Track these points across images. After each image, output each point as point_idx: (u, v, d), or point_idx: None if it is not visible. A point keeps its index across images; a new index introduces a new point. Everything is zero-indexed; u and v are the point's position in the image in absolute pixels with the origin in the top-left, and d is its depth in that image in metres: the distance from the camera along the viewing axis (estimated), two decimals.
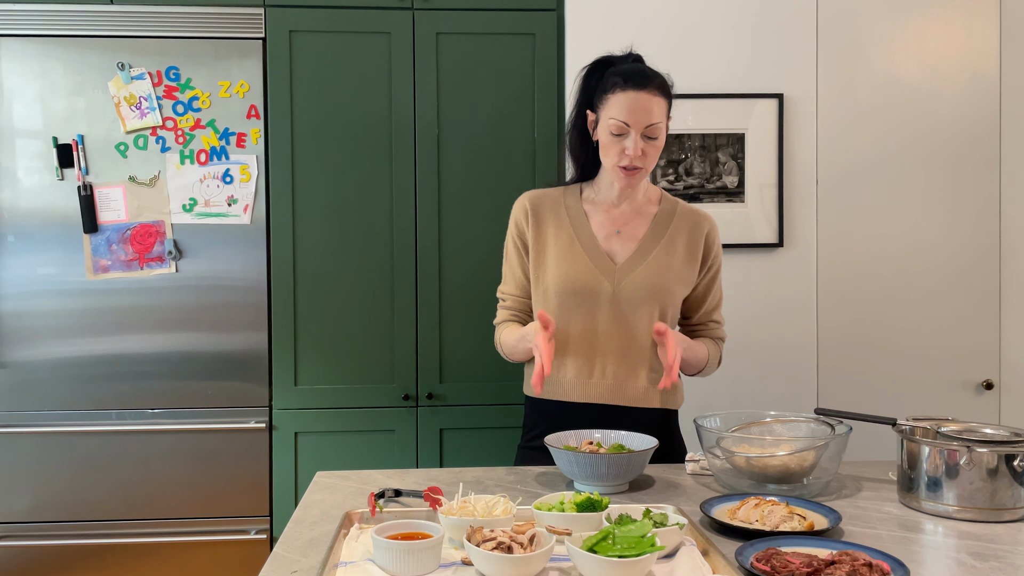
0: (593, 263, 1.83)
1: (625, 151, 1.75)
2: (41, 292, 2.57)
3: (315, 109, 2.62)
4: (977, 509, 1.43)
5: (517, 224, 1.91)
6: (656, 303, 1.82)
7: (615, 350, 1.83)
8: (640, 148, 1.74)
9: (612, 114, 1.75)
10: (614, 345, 1.83)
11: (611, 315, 1.82)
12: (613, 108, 1.75)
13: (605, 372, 1.83)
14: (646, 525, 1.20)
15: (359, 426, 2.66)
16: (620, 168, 1.78)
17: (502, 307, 1.96)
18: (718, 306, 1.97)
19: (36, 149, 2.56)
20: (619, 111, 1.74)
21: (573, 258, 1.84)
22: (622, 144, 1.76)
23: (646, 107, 1.74)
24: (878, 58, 2.67)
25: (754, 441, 1.61)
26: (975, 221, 2.70)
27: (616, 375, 1.83)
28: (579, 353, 1.84)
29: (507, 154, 2.67)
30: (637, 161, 1.76)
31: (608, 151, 1.79)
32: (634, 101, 1.74)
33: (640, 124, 1.74)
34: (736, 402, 2.55)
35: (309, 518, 1.46)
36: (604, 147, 1.80)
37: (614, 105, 1.75)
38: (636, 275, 1.82)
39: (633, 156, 1.75)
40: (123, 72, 2.56)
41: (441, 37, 2.64)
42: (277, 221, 2.62)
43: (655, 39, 2.60)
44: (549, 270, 1.86)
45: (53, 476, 2.58)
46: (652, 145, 1.77)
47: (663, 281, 1.82)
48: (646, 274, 1.82)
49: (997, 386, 2.70)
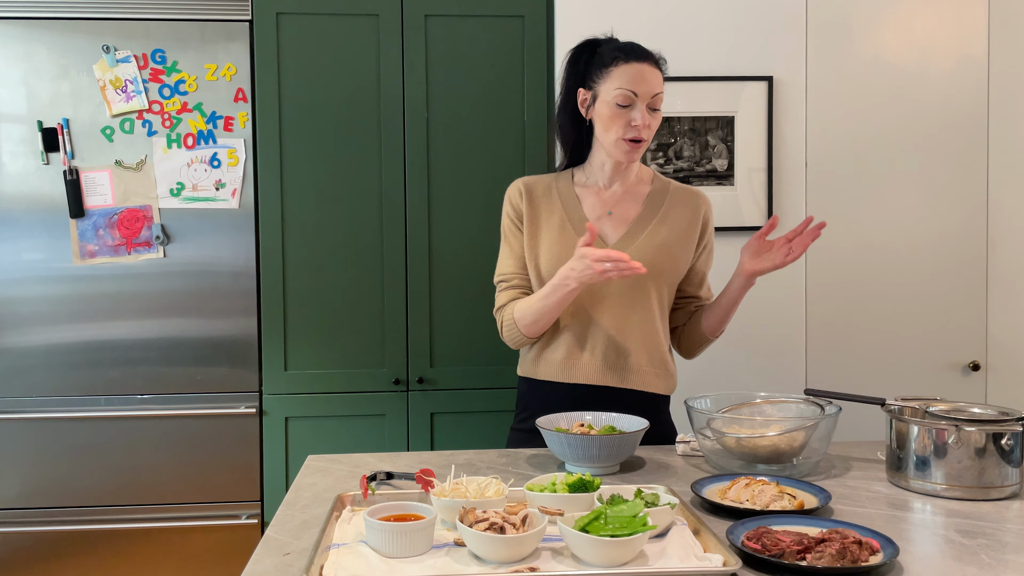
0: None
1: (632, 122, 1.76)
2: (27, 278, 2.55)
3: (303, 92, 2.60)
4: (965, 487, 1.45)
5: (513, 205, 1.91)
6: (646, 283, 1.83)
7: (606, 330, 1.83)
8: (648, 120, 1.77)
9: (618, 84, 1.76)
10: (605, 325, 1.83)
11: (601, 296, 1.83)
12: (619, 79, 1.76)
13: (595, 352, 1.84)
14: (638, 505, 1.21)
15: (349, 411, 2.66)
16: (625, 140, 1.78)
17: (506, 288, 1.91)
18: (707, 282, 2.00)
19: (20, 133, 2.53)
20: (626, 81, 1.75)
21: (564, 241, 1.84)
22: (628, 115, 1.77)
23: (649, 78, 1.77)
24: (867, 41, 2.67)
25: (744, 422, 1.62)
26: (963, 203, 2.71)
27: (606, 355, 1.83)
28: (570, 333, 1.84)
29: (497, 137, 2.66)
30: (644, 132, 1.77)
31: (612, 124, 1.78)
32: (640, 72, 1.76)
33: (647, 94, 1.76)
34: (726, 383, 2.56)
35: (301, 501, 1.46)
36: (607, 121, 1.79)
37: (619, 76, 1.76)
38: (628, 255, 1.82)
39: (641, 126, 1.76)
40: (108, 55, 2.54)
41: (430, 19, 2.63)
42: (265, 205, 2.60)
43: (645, 21, 2.59)
44: (542, 253, 1.85)
45: (42, 462, 2.57)
46: (655, 117, 1.80)
47: (655, 261, 1.82)
48: (637, 255, 1.81)
49: (984, 367, 2.72)
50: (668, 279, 1.87)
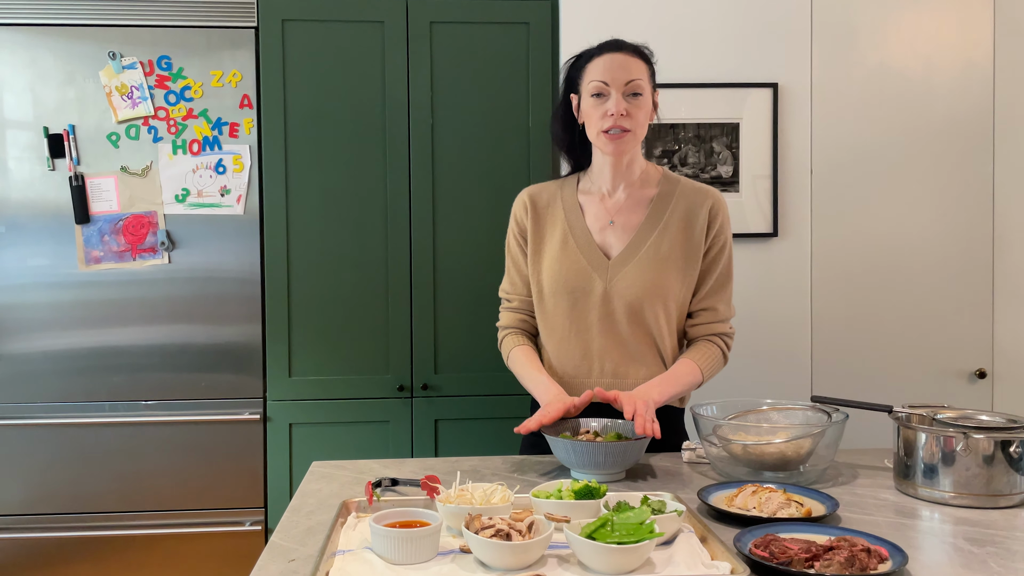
0: (586, 259, 1.81)
1: (607, 112, 1.73)
2: (33, 284, 2.55)
3: (308, 99, 2.61)
4: (973, 495, 1.44)
5: (517, 220, 1.90)
6: (649, 299, 1.78)
7: (612, 347, 1.81)
8: (623, 107, 1.73)
9: (591, 77, 1.76)
10: (611, 342, 1.81)
11: (604, 313, 1.79)
12: (591, 73, 1.77)
13: (604, 370, 1.82)
14: (644, 512, 1.20)
15: (354, 417, 2.66)
16: (604, 134, 1.75)
17: (507, 308, 1.92)
18: (721, 291, 1.84)
19: (27, 140, 2.54)
20: (598, 72, 1.75)
21: (566, 255, 1.81)
22: (604, 106, 1.74)
23: (623, 65, 1.74)
24: (872, 48, 2.66)
25: (751, 429, 1.61)
26: (969, 210, 2.71)
27: (616, 372, 1.81)
28: (577, 352, 1.83)
29: (502, 143, 2.66)
30: (623, 121, 1.73)
31: (591, 117, 1.77)
32: (610, 61, 1.75)
33: (619, 81, 1.73)
34: (732, 390, 2.55)
35: (306, 507, 1.46)
36: (588, 116, 1.78)
37: (592, 70, 1.77)
38: (628, 272, 1.79)
39: (616, 114, 1.72)
40: (114, 61, 2.54)
41: (435, 26, 2.63)
42: (270, 211, 2.61)
43: (649, 28, 2.59)
44: (544, 268, 1.84)
45: (46, 469, 2.57)
46: (636, 105, 1.74)
47: (656, 275, 1.78)
48: (638, 271, 1.78)
49: (990, 375, 2.71)
50: (674, 294, 1.80)
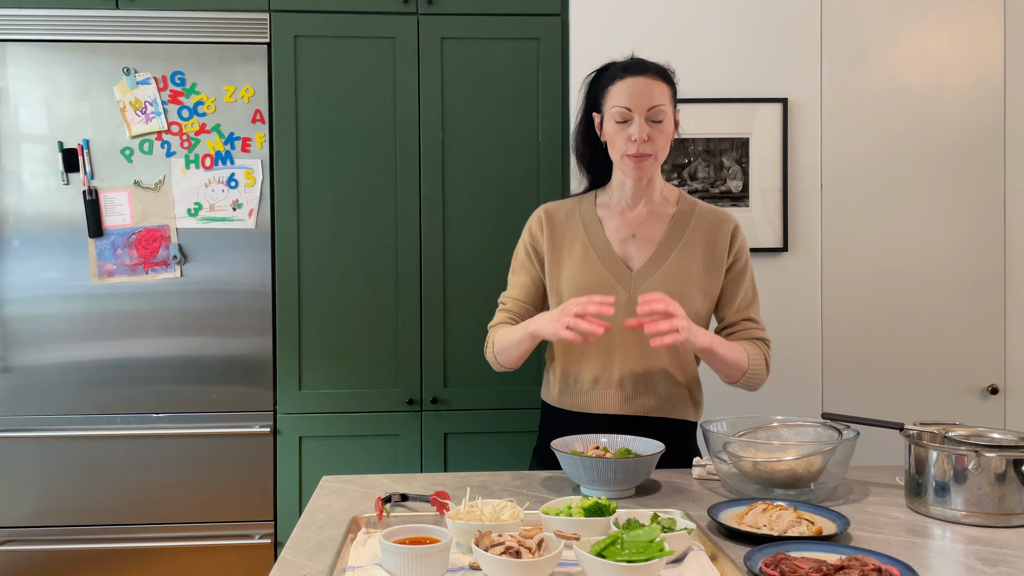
0: (608, 270, 1.81)
1: (631, 137, 1.75)
2: (46, 296, 2.57)
3: (320, 114, 2.62)
4: (985, 514, 1.43)
5: (532, 234, 1.90)
6: None
7: (632, 359, 1.81)
8: (646, 132, 1.74)
9: (614, 102, 1.76)
10: (632, 354, 1.81)
11: (624, 327, 1.78)
12: (615, 97, 1.76)
13: (623, 383, 1.82)
14: (655, 530, 1.20)
15: (363, 431, 2.66)
16: (628, 157, 1.77)
17: (501, 310, 1.92)
18: (751, 305, 1.87)
19: (41, 154, 2.56)
20: (620, 98, 1.75)
21: (587, 267, 1.82)
22: (627, 131, 1.75)
23: (646, 90, 1.74)
24: (882, 63, 2.67)
25: (761, 446, 1.61)
26: (980, 226, 2.70)
27: (635, 385, 1.81)
28: (596, 363, 1.82)
29: (511, 159, 2.67)
30: (644, 147, 1.75)
31: (615, 141, 1.78)
32: (633, 86, 1.75)
33: (642, 107, 1.74)
34: (742, 406, 2.55)
35: (316, 522, 1.46)
36: (611, 139, 1.79)
37: (615, 94, 1.76)
38: (652, 282, 1.79)
39: (639, 140, 1.74)
40: (128, 77, 2.57)
41: (445, 42, 2.65)
42: (282, 226, 2.62)
43: (659, 44, 2.60)
44: (564, 280, 1.84)
45: (57, 480, 2.58)
46: (658, 130, 1.76)
47: (680, 288, 1.78)
48: (662, 281, 1.79)
49: (1002, 391, 2.70)
50: (695, 308, 1.80)
